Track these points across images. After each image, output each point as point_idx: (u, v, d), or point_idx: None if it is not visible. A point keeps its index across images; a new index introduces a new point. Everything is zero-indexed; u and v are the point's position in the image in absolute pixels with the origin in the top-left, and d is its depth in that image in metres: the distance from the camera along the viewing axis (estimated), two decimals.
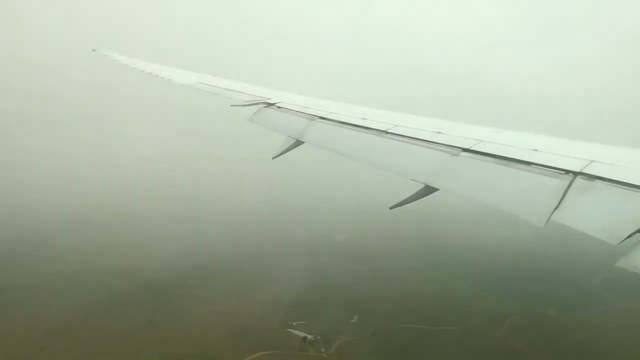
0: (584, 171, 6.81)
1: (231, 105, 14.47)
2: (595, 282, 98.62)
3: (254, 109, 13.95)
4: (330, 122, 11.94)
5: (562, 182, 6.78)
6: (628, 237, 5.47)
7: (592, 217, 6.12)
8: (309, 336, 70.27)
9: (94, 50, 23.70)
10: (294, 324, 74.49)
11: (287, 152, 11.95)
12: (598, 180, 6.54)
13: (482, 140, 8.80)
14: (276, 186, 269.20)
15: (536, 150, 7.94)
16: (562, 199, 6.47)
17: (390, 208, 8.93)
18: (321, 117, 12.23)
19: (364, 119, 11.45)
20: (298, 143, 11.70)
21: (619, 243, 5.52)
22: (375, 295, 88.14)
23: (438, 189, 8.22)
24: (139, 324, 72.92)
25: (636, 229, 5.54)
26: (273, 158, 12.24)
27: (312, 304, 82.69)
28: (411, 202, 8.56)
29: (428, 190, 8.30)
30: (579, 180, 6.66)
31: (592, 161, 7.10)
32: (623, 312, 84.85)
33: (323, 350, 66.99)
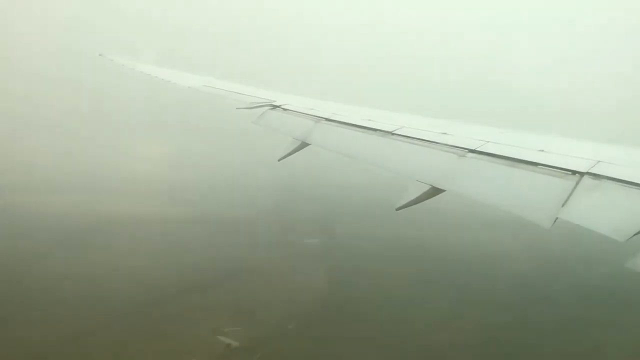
0: (591, 171, 6.77)
1: (237, 108, 14.52)
2: (586, 286, 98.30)
3: (259, 111, 13.99)
4: (336, 123, 11.97)
5: (568, 182, 6.75)
6: (636, 233, 5.43)
7: (599, 215, 6.10)
8: (235, 343, 68.35)
9: (100, 55, 23.86)
10: (226, 330, 72.62)
11: (293, 154, 11.98)
12: (605, 180, 6.50)
13: (488, 141, 8.79)
14: (276, 188, 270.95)
15: (542, 150, 7.92)
16: (568, 198, 6.44)
17: (397, 209, 8.94)
18: (327, 119, 12.27)
19: (370, 120, 11.47)
20: (304, 145, 11.73)
21: (627, 240, 5.46)
22: (325, 301, 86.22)
23: (445, 190, 8.22)
24: (58, 324, 71.01)
25: None
26: (279, 160, 12.28)
27: (256, 310, 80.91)
28: (417, 203, 8.57)
29: (434, 191, 8.29)
30: (585, 181, 6.62)
31: (599, 161, 7.06)
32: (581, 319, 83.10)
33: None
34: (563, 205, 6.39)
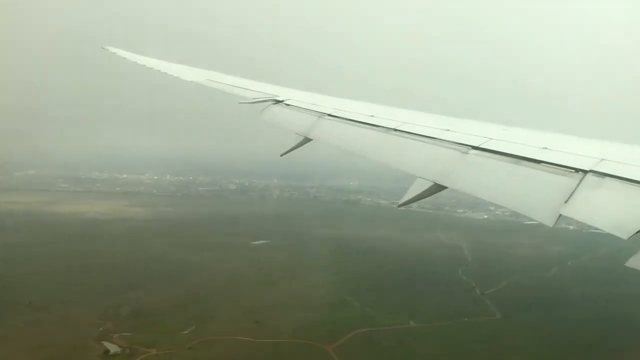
0: (595, 169, 6.74)
1: (239, 103, 14.49)
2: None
3: (261, 106, 13.96)
4: (339, 119, 11.92)
5: (572, 180, 6.72)
6: (639, 231, 5.43)
7: (602, 212, 6.10)
8: (116, 349, 67.30)
9: (103, 48, 23.75)
10: (114, 335, 71.12)
11: (296, 150, 11.97)
12: (608, 178, 6.47)
13: (491, 138, 8.74)
14: (273, 185, 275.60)
15: (546, 148, 7.87)
16: (571, 195, 6.41)
17: (399, 206, 8.92)
18: (329, 115, 12.22)
19: (372, 116, 11.41)
20: (306, 140, 11.71)
21: (629, 237, 5.48)
22: (240, 304, 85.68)
23: (447, 187, 8.18)
24: None
25: None
26: (281, 155, 12.27)
27: (158, 313, 79.74)
28: (419, 199, 8.53)
29: (437, 188, 8.26)
30: (589, 179, 6.59)
31: (602, 159, 7.02)
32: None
33: None
34: (566, 202, 6.38)
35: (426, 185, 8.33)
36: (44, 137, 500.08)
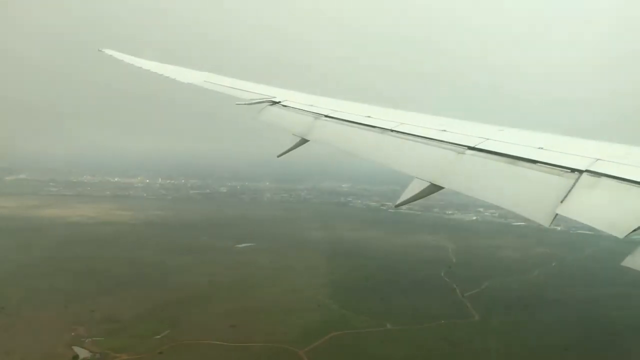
0: (590, 169, 6.80)
1: (236, 104, 14.51)
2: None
3: (259, 107, 14.00)
4: (335, 120, 11.97)
5: (567, 180, 6.77)
6: (634, 230, 5.48)
7: (597, 212, 6.12)
8: (86, 354, 66.74)
9: (99, 50, 23.68)
10: (87, 340, 70.44)
11: (292, 151, 12.01)
12: (604, 178, 6.54)
13: (487, 139, 8.79)
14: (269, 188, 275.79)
15: (542, 148, 7.93)
16: (567, 195, 6.48)
17: (395, 206, 8.98)
18: (326, 116, 12.27)
19: (369, 117, 11.46)
20: (303, 141, 11.74)
21: (625, 236, 5.52)
22: (217, 308, 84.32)
23: (443, 187, 8.23)
24: None
25: None
26: (278, 156, 12.31)
27: (134, 317, 78.84)
28: (416, 200, 8.58)
29: (433, 188, 8.31)
30: (584, 179, 6.65)
31: (597, 159, 7.08)
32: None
33: None
34: (562, 201, 6.43)
35: (423, 185, 8.37)
36: (37, 141, 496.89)
